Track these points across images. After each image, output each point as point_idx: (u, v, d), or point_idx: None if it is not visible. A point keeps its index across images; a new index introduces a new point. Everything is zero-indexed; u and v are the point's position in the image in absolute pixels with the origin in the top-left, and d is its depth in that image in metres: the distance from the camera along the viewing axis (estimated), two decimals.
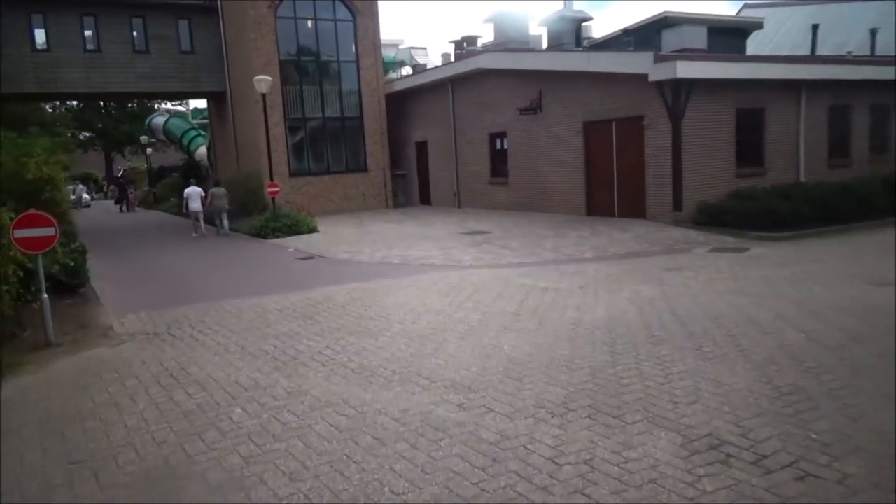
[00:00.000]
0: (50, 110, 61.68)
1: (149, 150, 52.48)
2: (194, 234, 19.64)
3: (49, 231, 6.61)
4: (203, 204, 19.63)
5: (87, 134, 67.31)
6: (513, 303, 8.04)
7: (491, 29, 25.39)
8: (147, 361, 6.32)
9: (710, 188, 14.66)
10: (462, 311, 7.76)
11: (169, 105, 54.28)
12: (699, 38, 16.96)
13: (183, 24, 24.94)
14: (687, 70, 13.86)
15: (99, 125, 63.67)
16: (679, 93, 14.26)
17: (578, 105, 17.17)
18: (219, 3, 24.70)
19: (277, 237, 17.55)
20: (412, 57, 34.14)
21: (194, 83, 25.46)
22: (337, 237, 16.72)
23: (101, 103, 62.26)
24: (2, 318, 6.77)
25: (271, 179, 19.19)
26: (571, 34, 24.71)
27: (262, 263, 13.66)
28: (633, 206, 15.87)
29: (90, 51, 23.59)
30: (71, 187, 39.00)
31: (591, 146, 17.06)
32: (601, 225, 15.44)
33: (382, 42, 25.15)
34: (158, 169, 44.34)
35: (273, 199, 18.94)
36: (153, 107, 53.23)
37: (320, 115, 24.11)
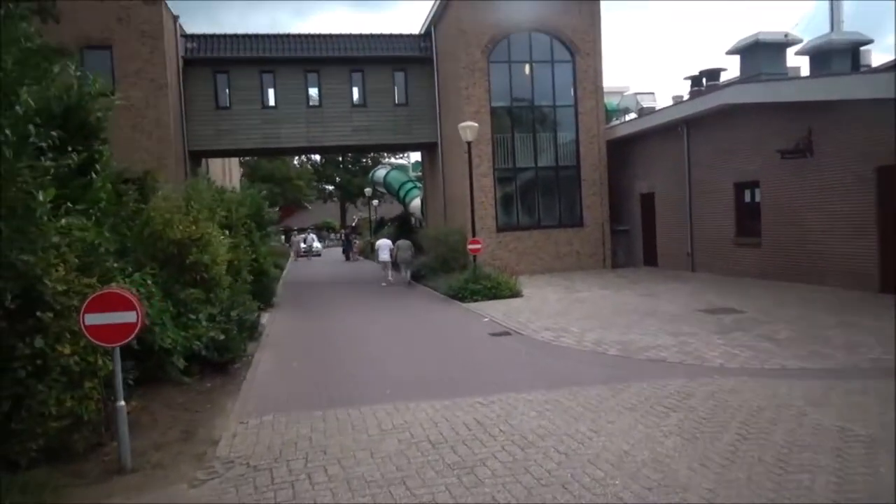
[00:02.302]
0: (297, 166, 68.37)
1: (375, 202, 55.12)
2: (383, 284, 21.26)
3: (129, 317, 4.89)
4: (391, 255, 21.54)
5: (329, 187, 73.55)
6: (820, 473, 4.67)
7: (736, 62, 21.46)
8: None
9: None
10: (729, 485, 4.61)
11: (393, 159, 56.83)
12: None
13: (399, 77, 24.65)
14: None
15: (337, 178, 69.04)
16: None
17: (867, 145, 12.83)
18: (433, 52, 24.01)
19: (475, 300, 15.44)
20: (638, 103, 30.95)
21: (407, 135, 24.92)
22: (541, 305, 14.08)
23: (340, 158, 67.58)
24: (81, 425, 5.17)
25: (473, 235, 17.25)
26: (845, 63, 19.87)
27: (448, 336, 11.46)
28: None
29: (312, 106, 24.13)
30: (302, 236, 41.72)
31: (888, 197, 12.55)
32: None
33: (605, 89, 22.50)
34: (378, 220, 45.70)
35: (474, 257, 16.95)
36: (382, 160, 56.02)
37: (532, 164, 21.98)
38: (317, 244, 43.58)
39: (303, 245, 39.34)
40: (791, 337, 9.43)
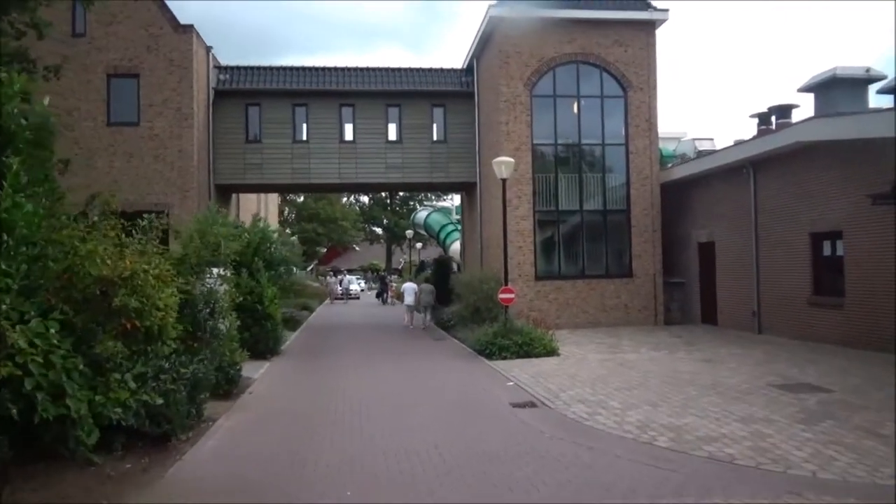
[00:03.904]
0: (347, 204, 67.85)
1: (418, 245, 53.68)
2: (410, 326, 21.69)
3: None
4: (415, 299, 21.87)
5: (377, 229, 72.64)
6: None
7: (810, 101, 19.23)
8: None
9: None
10: None
11: (439, 202, 55.54)
12: None
13: (438, 113, 23.28)
14: None
15: (384, 220, 68.03)
16: None
17: None
18: (475, 87, 22.59)
19: (504, 358, 13.46)
20: (696, 149, 28.80)
21: (444, 174, 23.36)
22: (578, 369, 11.98)
23: (388, 201, 66.81)
24: None
25: (506, 283, 15.34)
26: None
27: (462, 403, 9.50)
28: None
29: (346, 142, 22.92)
30: (339, 277, 40.40)
31: None
32: None
33: (661, 135, 20.54)
34: (420, 263, 44.17)
35: (506, 308, 14.99)
36: (424, 203, 54.78)
37: (577, 207, 20.04)
38: (354, 286, 42.02)
39: (339, 288, 37.84)
40: None
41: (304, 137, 22.72)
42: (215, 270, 10.44)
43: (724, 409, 8.44)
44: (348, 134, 23.02)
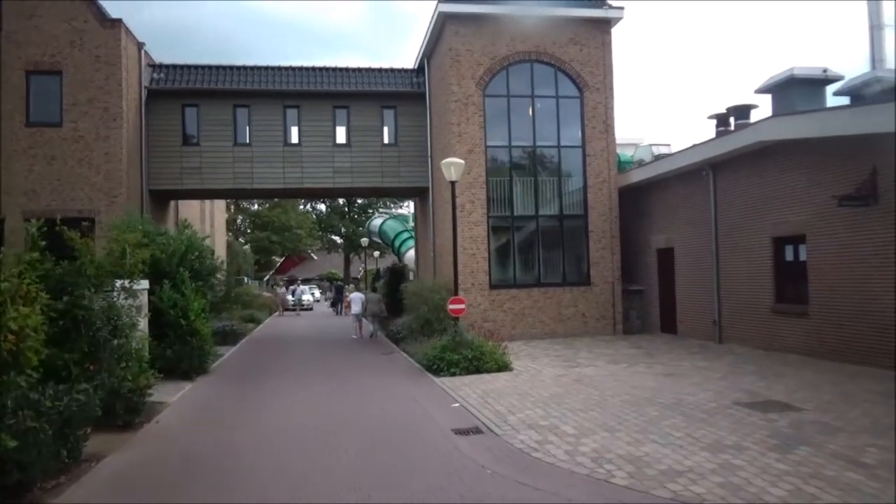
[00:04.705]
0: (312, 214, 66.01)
1: (376, 254, 52.30)
2: (356, 336, 21.62)
3: None
4: (363, 309, 21.59)
5: (336, 238, 70.78)
6: None
7: (768, 101, 18.76)
8: None
9: None
10: None
11: (397, 209, 54.29)
12: None
13: (388, 115, 22.22)
14: None
15: (342, 228, 66.28)
16: None
17: None
18: (427, 87, 21.62)
19: (452, 374, 12.44)
20: (652, 154, 28.33)
21: (395, 178, 22.27)
22: (531, 386, 11.00)
23: (346, 209, 65.26)
24: None
25: (456, 292, 14.31)
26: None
27: (401, 428, 8.41)
28: None
29: (290, 145, 21.66)
30: (292, 287, 38.79)
31: None
32: None
33: (617, 141, 19.80)
34: (376, 272, 42.90)
35: (457, 319, 13.95)
36: (380, 209, 53.47)
37: (533, 212, 19.16)
38: (307, 297, 40.33)
39: (290, 298, 36.23)
40: (885, 460, 6.31)
41: (247, 140, 21.40)
42: (118, 283, 9.18)
43: (688, 433, 7.53)
44: (293, 137, 21.79)
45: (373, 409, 9.92)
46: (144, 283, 11.19)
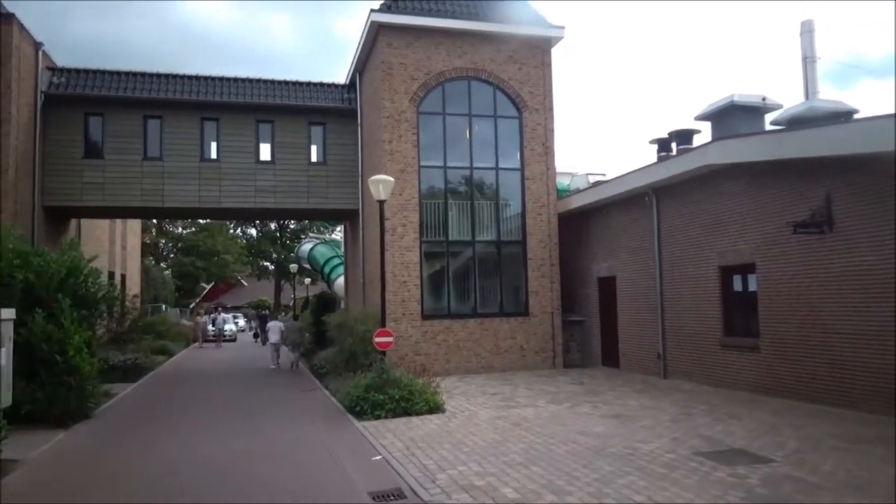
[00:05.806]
0: (242, 238, 63.11)
1: (307, 280, 50.06)
2: (272, 367, 20.85)
3: None
4: (281, 338, 20.97)
5: (267, 264, 67.85)
6: None
7: (707, 129, 18.37)
8: None
9: None
10: None
11: (330, 235, 52.40)
12: None
13: (316, 131, 20.78)
14: None
15: (273, 254, 63.58)
16: None
17: None
18: (358, 102, 20.35)
19: (378, 417, 10.96)
20: (588, 184, 27.87)
21: (323, 199, 20.76)
22: (466, 432, 9.65)
23: (278, 234, 62.79)
24: None
25: (383, 324, 12.89)
26: None
27: (303, 494, 6.89)
28: None
29: (207, 160, 19.89)
30: (211, 316, 36.13)
31: None
32: None
33: (556, 171, 18.94)
34: (305, 300, 40.86)
35: (383, 354, 12.50)
36: (311, 233, 51.44)
37: (469, 237, 18.00)
38: (229, 326, 37.67)
39: (211, 328, 33.70)
40: None
41: (158, 154, 19.50)
42: None
43: (650, 497, 6.34)
44: (212, 152, 20.05)
45: (280, 466, 8.31)
46: (8, 312, 9.33)
